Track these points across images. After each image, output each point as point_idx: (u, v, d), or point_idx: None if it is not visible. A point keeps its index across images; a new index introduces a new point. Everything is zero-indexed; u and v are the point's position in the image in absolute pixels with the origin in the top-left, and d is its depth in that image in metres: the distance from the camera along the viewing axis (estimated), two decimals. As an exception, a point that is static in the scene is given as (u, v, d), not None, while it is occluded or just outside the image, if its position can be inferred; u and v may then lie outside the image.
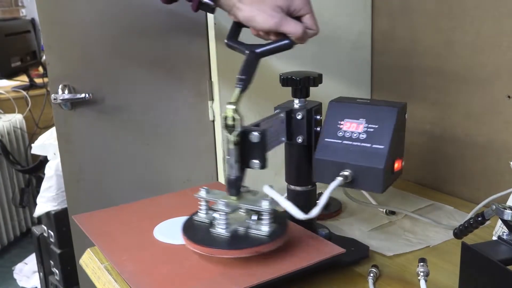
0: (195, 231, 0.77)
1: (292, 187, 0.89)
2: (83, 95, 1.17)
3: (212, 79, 1.14)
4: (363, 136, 0.78)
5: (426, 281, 0.72)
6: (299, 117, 0.87)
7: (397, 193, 1.17)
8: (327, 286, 0.80)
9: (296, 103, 0.89)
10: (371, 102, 0.82)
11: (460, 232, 0.82)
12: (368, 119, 0.79)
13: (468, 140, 1.12)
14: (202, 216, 0.80)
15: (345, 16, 1.25)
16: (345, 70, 1.28)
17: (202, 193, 0.80)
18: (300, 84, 0.87)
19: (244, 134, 0.75)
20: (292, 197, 0.90)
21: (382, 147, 0.76)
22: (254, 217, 0.77)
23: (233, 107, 0.72)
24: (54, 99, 1.17)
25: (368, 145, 0.77)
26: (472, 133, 1.11)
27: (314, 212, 0.76)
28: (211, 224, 0.79)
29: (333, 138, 0.81)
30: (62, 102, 1.17)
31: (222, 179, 1.19)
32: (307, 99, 0.89)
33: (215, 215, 0.77)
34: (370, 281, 0.79)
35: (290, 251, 0.77)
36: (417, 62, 1.20)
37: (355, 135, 0.79)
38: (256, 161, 0.76)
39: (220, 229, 0.76)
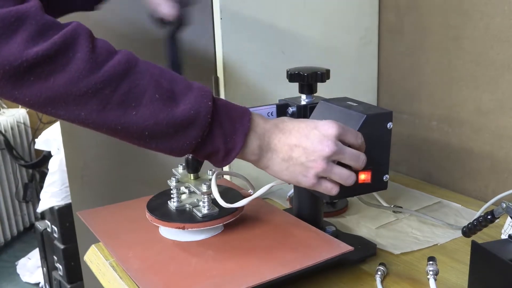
0: (162, 205, 0.85)
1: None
2: (87, 90, 1.16)
3: (218, 75, 1.13)
4: None
5: (435, 280, 0.71)
6: (290, 112, 0.87)
7: (403, 191, 1.16)
8: (334, 284, 0.79)
9: (303, 99, 0.88)
10: (351, 106, 0.78)
11: (468, 230, 0.82)
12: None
13: (477, 137, 1.11)
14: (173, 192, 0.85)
15: (352, 11, 1.24)
16: (351, 66, 1.27)
17: (178, 170, 0.87)
18: (307, 79, 0.86)
19: None
20: (297, 192, 0.89)
21: None
22: (203, 198, 0.81)
23: None
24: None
25: None
26: (481, 129, 1.10)
27: (242, 202, 0.77)
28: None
29: None
30: (66, 97, 1.17)
31: (226, 175, 1.18)
32: (315, 95, 0.88)
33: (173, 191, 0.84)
34: (378, 279, 0.78)
35: (298, 248, 0.76)
36: (424, 58, 1.19)
37: None
38: None
39: (171, 203, 0.83)
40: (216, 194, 0.78)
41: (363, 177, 0.74)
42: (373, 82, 1.32)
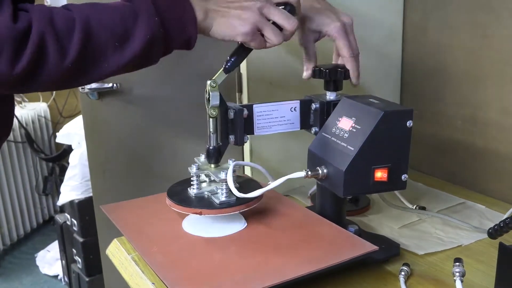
0: (182, 192, 0.85)
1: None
2: (110, 84, 1.17)
3: (241, 71, 1.13)
4: (346, 135, 0.76)
5: (462, 281, 0.70)
6: (313, 108, 0.88)
7: (426, 191, 1.14)
8: (357, 283, 0.78)
9: (328, 96, 0.88)
10: (371, 102, 0.77)
11: (495, 232, 0.80)
12: (357, 118, 0.76)
13: (502, 137, 1.09)
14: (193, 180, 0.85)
15: (377, 8, 1.22)
16: (375, 63, 1.26)
17: (199, 158, 0.87)
18: (330, 76, 0.86)
19: (226, 110, 0.82)
20: (320, 190, 0.89)
21: (352, 149, 0.73)
22: (222, 186, 0.81)
23: (211, 82, 0.80)
24: (82, 88, 1.17)
25: (345, 145, 0.75)
26: (507, 130, 1.08)
27: (256, 193, 0.78)
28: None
29: (328, 133, 0.80)
30: (89, 92, 1.18)
31: (247, 171, 1.18)
32: (340, 92, 0.88)
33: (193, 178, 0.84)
34: (402, 280, 0.77)
35: (322, 247, 0.76)
36: (450, 56, 1.17)
37: (342, 133, 0.77)
38: (232, 136, 0.84)
39: (191, 190, 0.83)
40: (231, 184, 0.78)
41: (379, 175, 0.73)
42: (397, 80, 1.31)
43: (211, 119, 0.82)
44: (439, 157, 1.25)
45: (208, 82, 0.80)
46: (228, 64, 0.81)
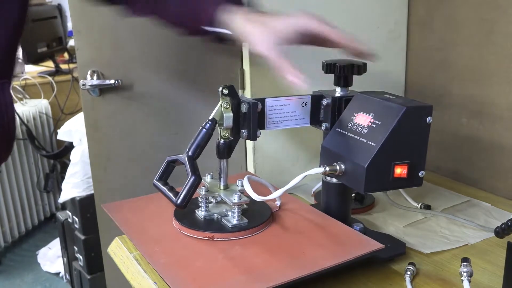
0: (190, 214, 0.82)
1: (328, 178, 0.86)
2: (112, 81, 1.15)
3: (244, 68, 1.12)
4: (365, 130, 0.75)
5: (469, 282, 0.69)
6: (324, 103, 0.86)
7: (431, 189, 1.13)
8: (362, 283, 0.77)
9: (338, 91, 0.86)
10: (389, 98, 0.77)
11: (502, 231, 0.79)
12: (376, 114, 0.75)
13: (509, 134, 1.07)
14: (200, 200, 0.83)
15: (381, 4, 1.21)
16: (379, 60, 1.23)
17: (206, 179, 0.85)
18: (342, 71, 0.84)
19: (238, 103, 0.79)
20: (326, 188, 0.88)
21: (373, 144, 0.72)
22: (233, 209, 0.79)
23: (224, 103, 0.79)
24: (83, 85, 1.15)
25: (365, 140, 0.74)
26: (513, 127, 1.07)
27: (274, 195, 0.77)
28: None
29: (343, 129, 0.79)
30: (90, 88, 1.16)
31: (251, 169, 1.17)
32: (350, 88, 0.87)
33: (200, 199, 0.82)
34: (407, 279, 0.76)
35: (327, 245, 0.75)
36: (455, 52, 1.16)
37: (360, 128, 0.76)
38: (244, 131, 0.80)
39: (199, 212, 0.82)
40: (249, 190, 0.77)
41: (399, 171, 0.72)
42: (401, 76, 1.30)
43: (222, 140, 0.80)
44: (443, 154, 1.24)
45: (220, 102, 0.78)
46: None
